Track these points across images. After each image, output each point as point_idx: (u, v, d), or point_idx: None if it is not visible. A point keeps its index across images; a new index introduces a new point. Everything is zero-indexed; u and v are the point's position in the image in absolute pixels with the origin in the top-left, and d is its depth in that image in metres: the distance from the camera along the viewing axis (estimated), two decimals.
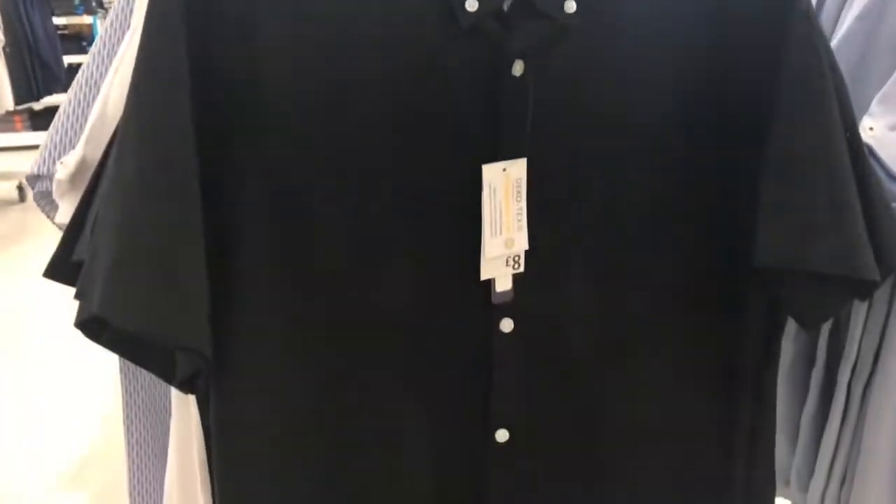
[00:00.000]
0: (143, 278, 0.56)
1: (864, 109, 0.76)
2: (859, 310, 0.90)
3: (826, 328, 0.95)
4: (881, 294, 0.88)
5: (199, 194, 0.57)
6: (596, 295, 0.68)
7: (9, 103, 4.25)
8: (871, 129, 0.72)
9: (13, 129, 5.02)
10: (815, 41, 0.64)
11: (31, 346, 2.67)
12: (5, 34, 4.18)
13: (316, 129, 0.60)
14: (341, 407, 0.66)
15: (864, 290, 0.67)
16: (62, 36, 4.81)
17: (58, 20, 4.80)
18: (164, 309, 0.56)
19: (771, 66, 0.64)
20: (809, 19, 0.64)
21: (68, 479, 2.00)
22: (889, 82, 0.73)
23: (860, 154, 0.66)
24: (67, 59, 4.54)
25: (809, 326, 0.71)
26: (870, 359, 0.90)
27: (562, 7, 0.60)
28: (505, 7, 0.60)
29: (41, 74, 4.42)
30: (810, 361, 0.96)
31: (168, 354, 0.60)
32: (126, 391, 0.91)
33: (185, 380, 0.60)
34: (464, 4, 0.59)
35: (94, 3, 5.03)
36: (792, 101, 0.63)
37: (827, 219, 0.64)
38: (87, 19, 4.97)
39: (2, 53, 4.14)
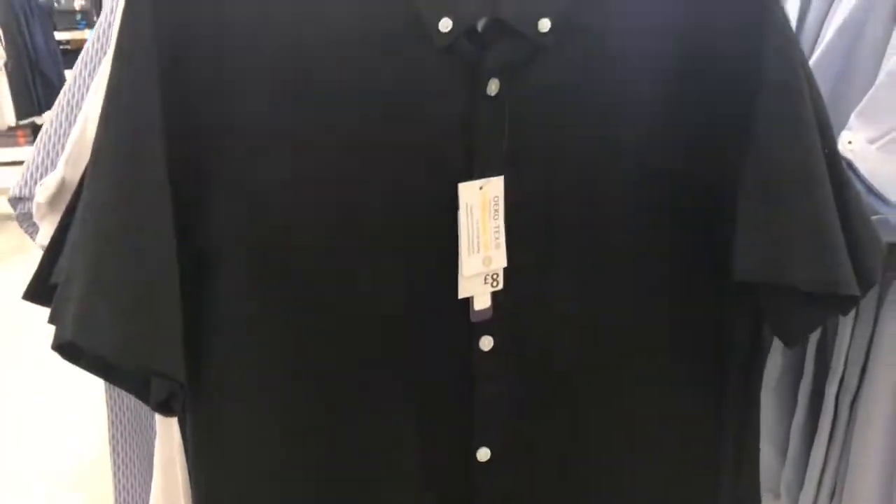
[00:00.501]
0: (115, 304, 0.56)
1: (845, 122, 0.76)
2: (846, 322, 0.90)
3: (814, 340, 0.95)
4: (867, 306, 0.88)
5: (171, 218, 0.57)
6: (578, 311, 0.68)
7: (10, 119, 4.27)
8: (849, 143, 0.72)
9: (16, 144, 5.04)
10: (793, 57, 0.64)
11: (31, 345, 2.67)
12: (7, 50, 4.21)
13: (292, 151, 0.60)
14: (322, 429, 0.66)
15: (845, 305, 0.67)
16: (64, 51, 4.83)
17: (60, 35, 4.83)
18: (135, 335, 0.56)
19: (749, 83, 0.64)
20: (786, 35, 0.64)
21: (67, 478, 2.01)
22: (867, 96, 0.73)
23: (839, 169, 0.66)
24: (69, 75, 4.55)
25: (791, 341, 0.71)
26: (857, 371, 0.90)
27: (535, 26, 0.60)
28: (479, 26, 0.60)
29: (43, 90, 4.44)
30: (799, 373, 0.96)
31: (144, 377, 0.60)
32: (111, 411, 0.91)
33: (162, 402, 0.60)
34: (437, 24, 0.59)
35: (96, 19, 5.05)
36: (769, 117, 0.63)
37: (805, 234, 0.64)
38: (89, 34, 4.99)
39: (3, 69, 4.17)
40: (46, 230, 0.75)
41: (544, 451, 0.71)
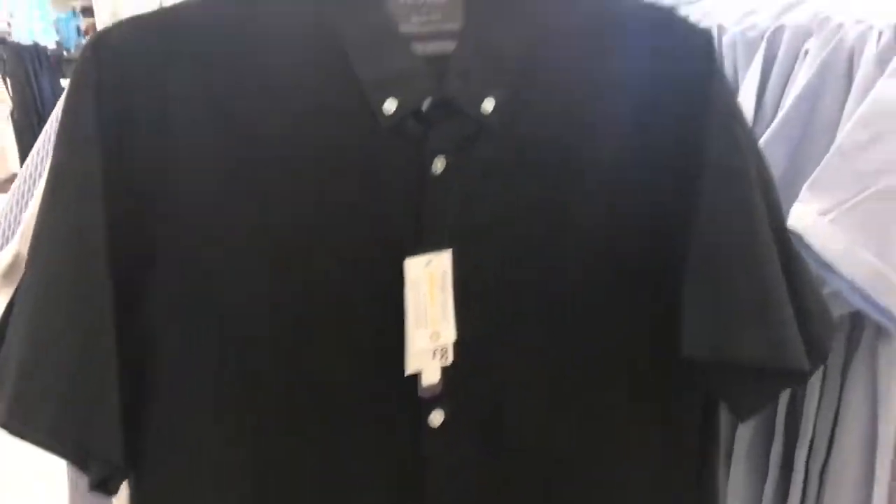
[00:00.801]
0: (50, 389, 0.56)
1: None
2: (813, 388, 0.89)
3: (783, 405, 0.94)
4: (833, 372, 0.88)
5: (111, 300, 0.57)
6: (530, 385, 0.68)
7: (16, 166, 4.33)
8: (801, 216, 0.72)
9: None
10: (737, 135, 0.65)
11: None
12: (13, 99, 4.28)
13: (237, 229, 0.60)
14: None
15: (796, 379, 0.67)
16: None
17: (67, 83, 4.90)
18: (69, 420, 0.56)
19: (695, 161, 0.64)
20: (730, 114, 0.66)
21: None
22: (818, 168, 0.74)
23: (787, 245, 0.67)
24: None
25: (743, 416, 0.71)
26: (825, 437, 0.89)
27: (479, 106, 0.61)
28: (424, 107, 0.61)
29: None
30: (769, 439, 0.95)
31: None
32: (70, 479, 0.91)
33: (101, 482, 0.60)
34: (382, 106, 0.60)
35: None
36: (713, 197, 0.64)
37: (752, 311, 0.64)
38: None
39: (10, 118, 4.24)
40: (3, 301, 0.75)
41: None
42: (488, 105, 0.61)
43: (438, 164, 0.61)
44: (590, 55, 0.65)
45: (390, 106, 0.60)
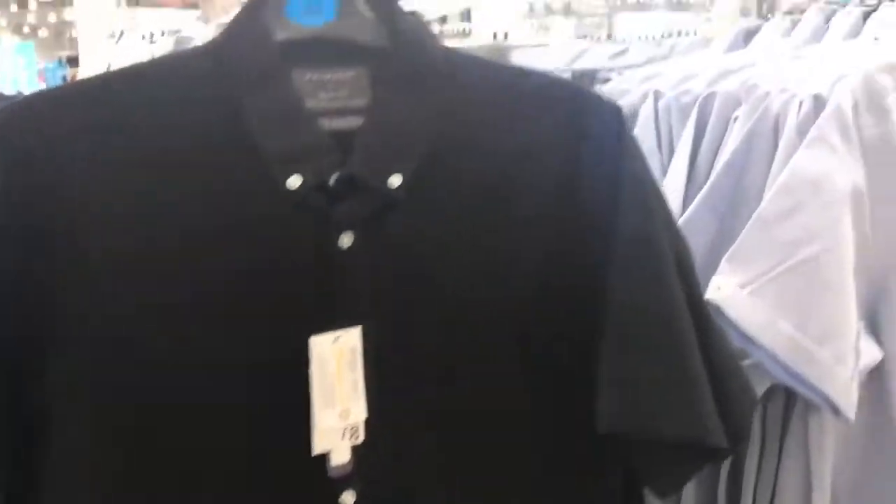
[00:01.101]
0: None
1: None
2: (753, 459, 0.88)
3: (724, 474, 0.93)
4: (771, 440, 0.87)
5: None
6: (445, 462, 0.66)
7: None
8: (719, 288, 0.72)
9: None
10: (650, 205, 0.65)
11: None
12: None
13: (140, 307, 0.59)
14: None
15: (715, 456, 0.66)
16: None
17: None
18: None
19: (607, 233, 0.64)
20: (642, 184, 0.65)
21: None
22: (737, 240, 0.73)
23: (703, 318, 0.66)
24: None
25: (663, 492, 0.70)
26: None
27: (386, 181, 0.61)
28: (331, 182, 0.61)
29: None
30: None
31: None
32: None
33: None
34: (286, 182, 0.59)
35: None
36: (625, 268, 0.64)
37: (668, 385, 0.63)
38: None
39: None
40: None
41: None
42: (395, 180, 0.61)
43: (345, 240, 0.61)
44: (500, 128, 0.65)
45: (295, 182, 0.59)
